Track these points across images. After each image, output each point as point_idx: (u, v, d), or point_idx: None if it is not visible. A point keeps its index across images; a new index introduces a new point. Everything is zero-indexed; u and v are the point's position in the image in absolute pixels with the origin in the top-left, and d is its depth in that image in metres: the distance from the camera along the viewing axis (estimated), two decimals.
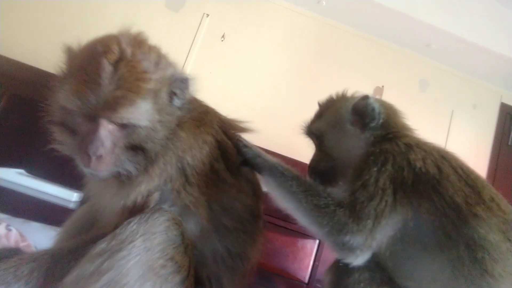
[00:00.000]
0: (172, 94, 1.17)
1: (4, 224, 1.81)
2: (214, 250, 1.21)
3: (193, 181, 1.15)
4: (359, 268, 1.10)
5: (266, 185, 1.24)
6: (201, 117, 1.25)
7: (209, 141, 1.22)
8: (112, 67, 1.03)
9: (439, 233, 1.08)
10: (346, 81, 3.65)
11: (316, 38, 3.72)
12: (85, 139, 1.05)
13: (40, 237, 1.77)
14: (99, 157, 1.04)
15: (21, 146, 2.80)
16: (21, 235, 1.86)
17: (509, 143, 3.85)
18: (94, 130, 1.04)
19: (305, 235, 2.72)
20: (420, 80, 3.86)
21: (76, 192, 2.52)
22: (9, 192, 2.40)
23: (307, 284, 2.76)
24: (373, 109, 1.28)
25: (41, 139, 1.18)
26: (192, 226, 1.15)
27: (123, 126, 1.07)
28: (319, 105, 1.49)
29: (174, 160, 1.15)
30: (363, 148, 1.24)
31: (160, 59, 1.15)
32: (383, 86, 3.73)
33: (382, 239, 1.10)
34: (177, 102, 1.18)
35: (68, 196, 2.53)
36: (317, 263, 2.79)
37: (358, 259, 1.09)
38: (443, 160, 1.18)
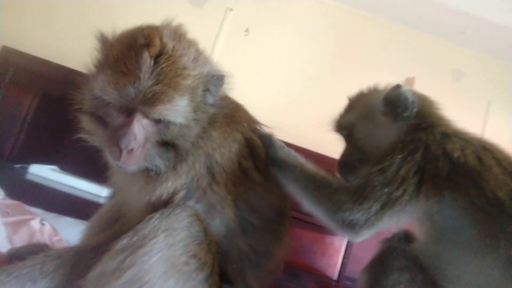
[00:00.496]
0: (206, 91, 1.15)
1: (38, 219, 1.88)
2: (239, 248, 1.19)
3: (220, 180, 1.14)
4: (398, 269, 1.05)
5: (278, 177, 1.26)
6: (231, 114, 1.23)
7: (239, 138, 1.20)
8: (152, 61, 1.01)
9: (478, 231, 1.00)
10: (375, 72, 3.57)
11: (342, 29, 3.63)
12: (117, 132, 1.04)
13: (72, 231, 1.81)
14: (130, 151, 1.04)
15: (53, 144, 2.90)
16: (54, 229, 1.92)
17: None
18: (128, 123, 1.03)
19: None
20: (454, 70, 3.68)
21: (106, 187, 2.58)
22: (42, 187, 2.50)
23: (336, 281, 2.71)
24: (406, 98, 1.22)
25: (72, 137, 1.19)
26: (217, 225, 1.14)
27: (158, 122, 1.06)
28: (349, 99, 1.44)
29: (203, 158, 1.13)
30: (395, 138, 1.18)
31: (198, 55, 1.14)
32: (414, 77, 3.58)
33: (390, 222, 1.07)
34: (210, 99, 1.16)
35: (98, 191, 2.60)
36: (346, 260, 2.74)
37: (359, 236, 1.08)
38: (484, 151, 1.10)
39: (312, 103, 3.39)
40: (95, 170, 1.31)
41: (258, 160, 1.23)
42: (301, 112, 3.35)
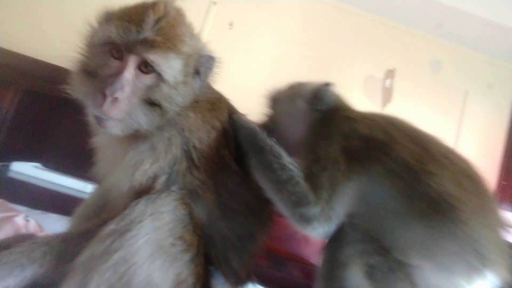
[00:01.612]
0: (196, 70, 1.20)
1: (22, 215, 1.86)
2: (222, 233, 1.22)
3: (199, 165, 1.16)
4: (351, 242, 1.11)
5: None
6: (213, 102, 1.27)
7: (217, 127, 1.23)
8: (156, 18, 1.09)
9: (398, 195, 1.11)
10: (356, 65, 3.63)
11: (325, 21, 3.66)
12: (106, 80, 1.07)
13: (58, 228, 1.81)
14: (115, 100, 1.05)
15: (36, 141, 2.86)
16: (39, 225, 1.91)
17: None
18: (119, 71, 1.07)
19: None
20: (433, 61, 3.76)
21: (90, 183, 2.57)
22: (26, 185, 2.47)
23: None
24: (330, 95, 1.39)
25: (55, 133, 1.19)
26: (199, 210, 1.16)
27: (149, 73, 1.10)
28: (290, 83, 1.61)
29: (180, 140, 1.15)
30: (306, 124, 1.34)
31: (193, 33, 1.23)
32: (394, 69, 3.66)
33: (340, 209, 1.14)
34: (197, 81, 1.20)
35: (83, 187, 2.59)
36: None
37: (318, 230, 1.13)
38: (389, 125, 1.23)
39: None
40: (78, 166, 1.32)
41: (233, 151, 1.26)
42: None
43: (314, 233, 1.14)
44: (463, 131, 3.62)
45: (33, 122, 2.88)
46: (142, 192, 1.10)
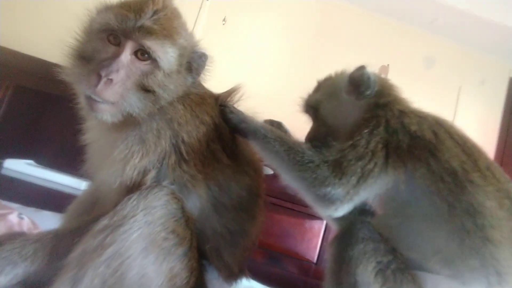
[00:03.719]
0: (188, 66, 1.22)
1: (16, 213, 1.85)
2: (213, 227, 1.22)
3: (188, 159, 1.16)
4: (363, 239, 1.11)
5: (255, 149, 1.29)
6: (203, 97, 1.27)
7: (207, 121, 1.22)
8: (154, 9, 1.13)
9: (438, 200, 1.09)
10: (350, 62, 3.61)
11: (318, 18, 3.67)
12: (102, 63, 1.09)
13: (52, 225, 1.79)
14: (109, 82, 1.07)
15: (28, 137, 2.84)
16: (33, 223, 1.90)
17: None
18: (116, 55, 1.10)
19: (312, 216, 2.73)
20: (426, 57, 3.79)
21: (83, 179, 2.55)
22: (19, 182, 2.45)
23: (316, 264, 2.79)
24: (369, 78, 1.31)
25: (48, 130, 1.19)
26: (191, 204, 1.16)
27: (145, 60, 1.13)
28: (317, 82, 1.52)
29: (169, 133, 1.15)
30: (357, 115, 1.26)
31: (188, 30, 1.27)
32: (388, 65, 3.67)
33: (367, 196, 1.15)
34: (189, 76, 1.23)
35: (77, 184, 2.57)
36: (325, 243, 2.80)
37: (338, 211, 1.13)
38: (438, 126, 1.20)
39: (290, 91, 3.42)
40: (71, 163, 1.31)
41: (226, 145, 1.26)
42: (279, 100, 3.38)
43: (334, 213, 1.14)
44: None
45: (25, 118, 2.85)
46: (133, 187, 1.10)
